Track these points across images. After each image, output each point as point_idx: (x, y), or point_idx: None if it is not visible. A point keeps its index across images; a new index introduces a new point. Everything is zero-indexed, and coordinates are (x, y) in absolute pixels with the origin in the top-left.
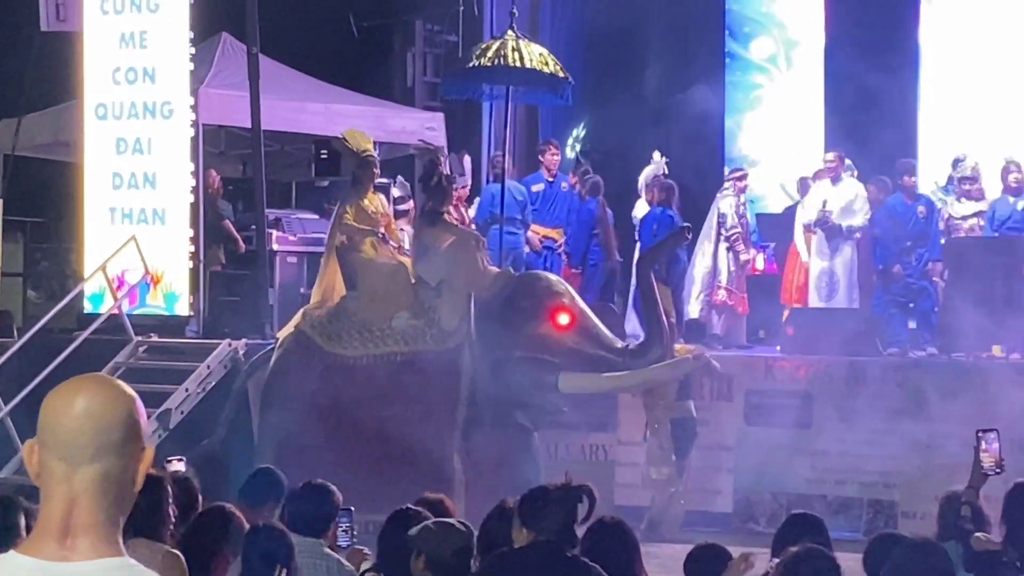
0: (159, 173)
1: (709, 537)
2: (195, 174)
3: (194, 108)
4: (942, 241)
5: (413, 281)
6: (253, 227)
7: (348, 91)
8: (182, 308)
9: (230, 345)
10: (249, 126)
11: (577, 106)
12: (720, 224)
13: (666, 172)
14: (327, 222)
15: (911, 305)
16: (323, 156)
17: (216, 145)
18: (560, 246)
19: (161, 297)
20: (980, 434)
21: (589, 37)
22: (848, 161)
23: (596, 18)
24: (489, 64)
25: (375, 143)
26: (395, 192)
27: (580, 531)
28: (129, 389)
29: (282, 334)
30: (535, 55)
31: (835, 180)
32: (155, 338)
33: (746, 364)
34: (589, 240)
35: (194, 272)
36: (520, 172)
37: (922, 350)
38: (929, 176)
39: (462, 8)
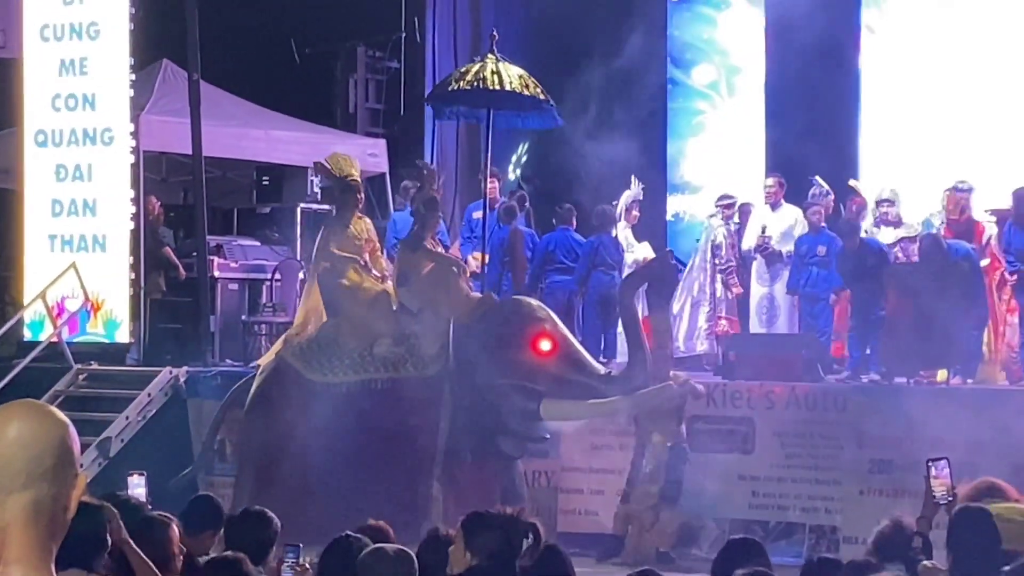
0: (99, 200)
1: (650, 563)
2: (135, 201)
3: (134, 135)
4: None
5: (395, 308)
6: (194, 254)
7: (290, 117)
8: (123, 335)
9: (171, 372)
10: (190, 152)
11: (518, 129)
12: (715, 255)
13: (640, 198)
14: (269, 249)
15: None
16: (265, 183)
17: (157, 172)
18: None
19: (101, 324)
20: (930, 463)
21: (531, 65)
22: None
23: (539, 46)
24: (468, 87)
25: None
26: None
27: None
28: (62, 415)
29: (263, 361)
30: (514, 77)
31: (775, 206)
32: (95, 366)
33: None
34: (502, 267)
35: (134, 299)
36: (463, 197)
37: (864, 376)
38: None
39: (404, 35)
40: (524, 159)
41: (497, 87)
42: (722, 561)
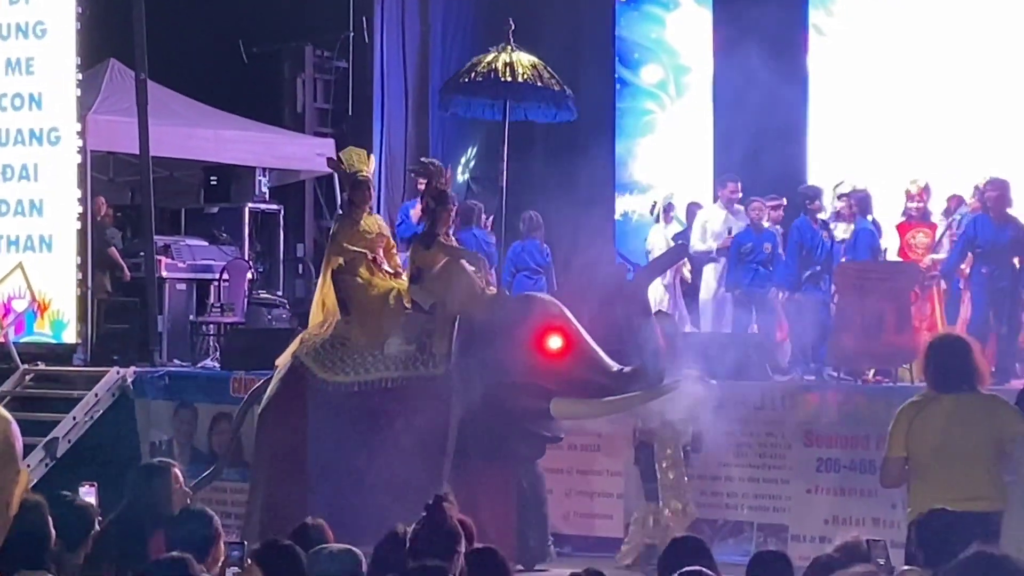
0: (46, 200)
1: (598, 564)
2: (82, 201)
3: (81, 134)
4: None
5: (407, 305)
6: (141, 254)
7: (238, 117)
8: (70, 336)
9: (118, 373)
10: (137, 152)
11: (467, 130)
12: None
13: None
14: (217, 249)
15: None
16: (213, 183)
17: (104, 172)
18: None
19: (48, 325)
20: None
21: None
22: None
23: (486, 44)
24: (480, 79)
25: (264, 169)
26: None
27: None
28: (4, 412)
29: (280, 361)
30: (528, 67)
31: (735, 210)
32: (42, 366)
33: None
34: None
35: (82, 299)
36: (410, 197)
37: (812, 375)
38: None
39: (352, 34)
40: (473, 163)
41: (509, 79)
42: (667, 560)
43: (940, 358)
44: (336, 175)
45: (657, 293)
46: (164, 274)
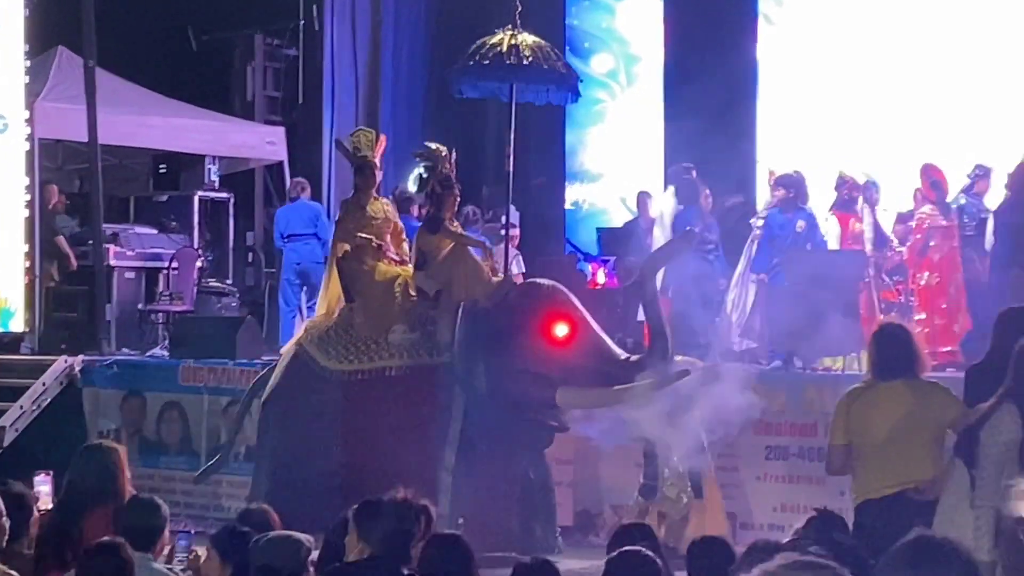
0: None
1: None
2: (30, 189)
3: (30, 122)
4: None
5: (412, 292)
6: (90, 242)
7: (187, 105)
8: (17, 324)
9: (66, 361)
10: (86, 140)
11: (418, 119)
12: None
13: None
14: (166, 237)
15: None
16: (162, 171)
17: (53, 160)
18: None
19: None
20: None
21: (431, 54)
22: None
23: (437, 36)
24: (485, 61)
25: (214, 157)
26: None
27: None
28: None
29: (284, 350)
30: (532, 50)
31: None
32: None
33: None
34: None
35: (29, 288)
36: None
37: (761, 361)
38: (765, 191)
39: (302, 22)
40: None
41: (514, 61)
42: (614, 547)
43: (881, 346)
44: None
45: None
46: (113, 262)
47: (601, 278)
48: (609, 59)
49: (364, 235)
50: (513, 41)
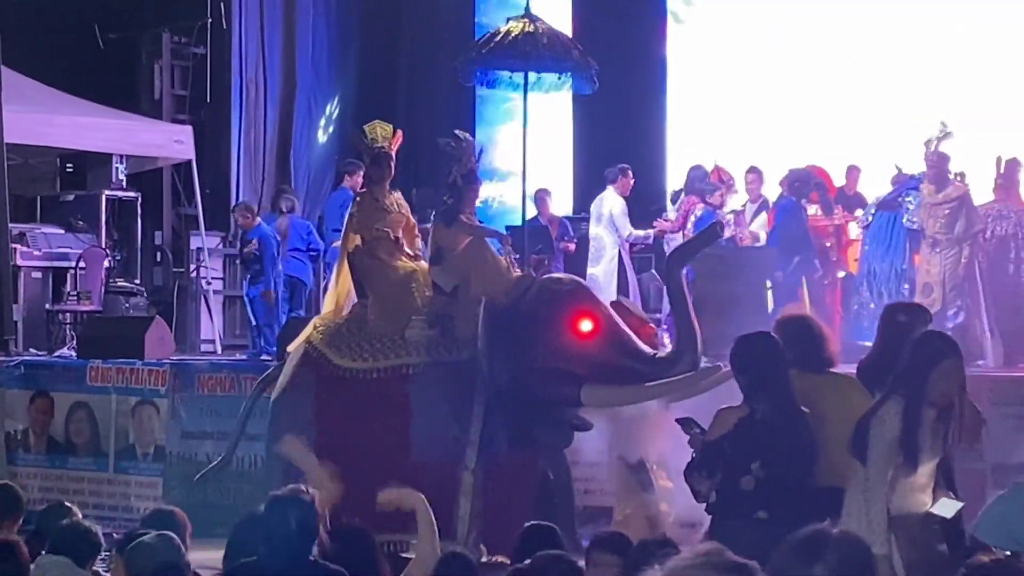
0: None
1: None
2: None
3: None
4: None
5: (428, 288)
6: None
7: (94, 104)
8: None
9: None
10: None
11: (329, 117)
12: None
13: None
14: (73, 237)
15: None
16: (68, 170)
17: None
18: None
19: None
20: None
21: (341, 52)
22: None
23: (347, 33)
24: (499, 50)
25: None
26: None
27: None
28: None
29: (292, 347)
30: (546, 38)
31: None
32: None
33: None
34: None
35: None
36: (274, 179)
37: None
38: (676, 187)
39: (210, 20)
40: (332, 133)
41: (528, 49)
42: (520, 547)
43: (784, 337)
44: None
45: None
46: (19, 262)
47: None
48: None
49: (378, 229)
50: (528, 29)
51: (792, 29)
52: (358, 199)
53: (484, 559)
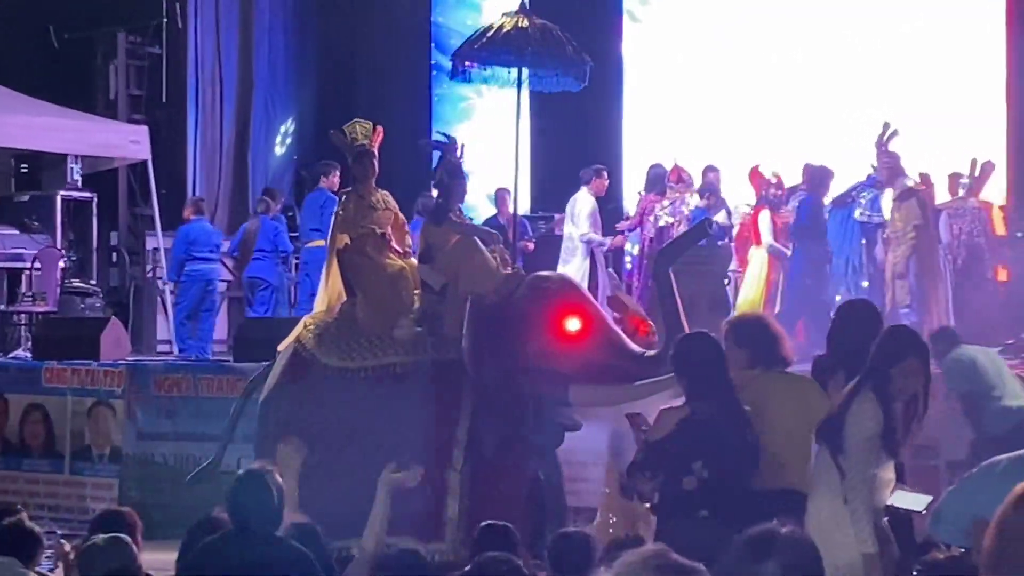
0: None
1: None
2: None
3: None
4: None
5: (417, 286)
6: None
7: (49, 104)
8: None
9: None
10: None
11: (287, 116)
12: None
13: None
14: (28, 237)
15: None
16: (23, 170)
17: None
18: None
19: None
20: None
21: (296, 53)
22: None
23: (304, 33)
24: (493, 46)
25: (77, 156)
26: None
27: None
28: None
29: (282, 346)
30: (541, 34)
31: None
32: None
33: None
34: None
35: None
36: (231, 182)
37: None
38: (633, 186)
39: (165, 20)
40: (290, 139)
41: (523, 45)
42: (474, 548)
43: (740, 337)
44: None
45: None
46: None
47: None
48: None
49: (365, 226)
50: (522, 24)
51: (747, 27)
52: (344, 198)
53: None
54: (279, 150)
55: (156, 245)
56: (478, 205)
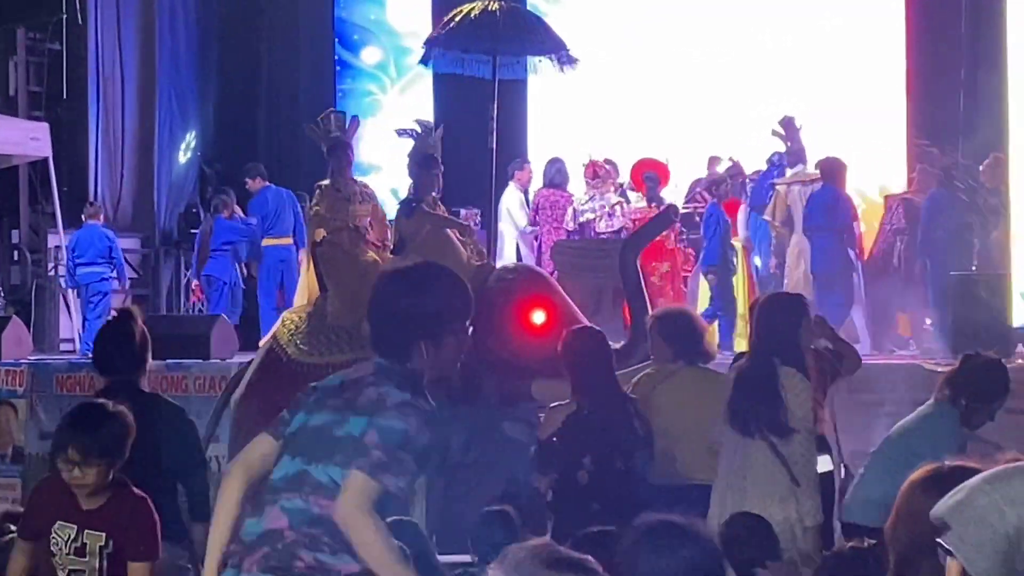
0: None
1: None
2: None
3: None
4: None
5: None
6: None
7: None
8: None
9: None
10: None
11: (191, 112)
12: None
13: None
14: None
15: None
16: None
17: None
18: None
19: None
20: None
21: (201, 46)
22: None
23: (207, 29)
24: (463, 32)
25: None
26: None
27: None
28: None
29: (262, 343)
30: (512, 17)
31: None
32: None
33: None
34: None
35: None
36: (137, 179)
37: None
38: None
39: (65, 16)
40: (194, 134)
41: (495, 30)
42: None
43: (666, 330)
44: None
45: None
46: None
47: None
48: (379, 52)
49: (340, 218)
50: (492, 7)
51: (657, 23)
52: (318, 191)
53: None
54: (183, 146)
55: (58, 243)
56: (385, 200)
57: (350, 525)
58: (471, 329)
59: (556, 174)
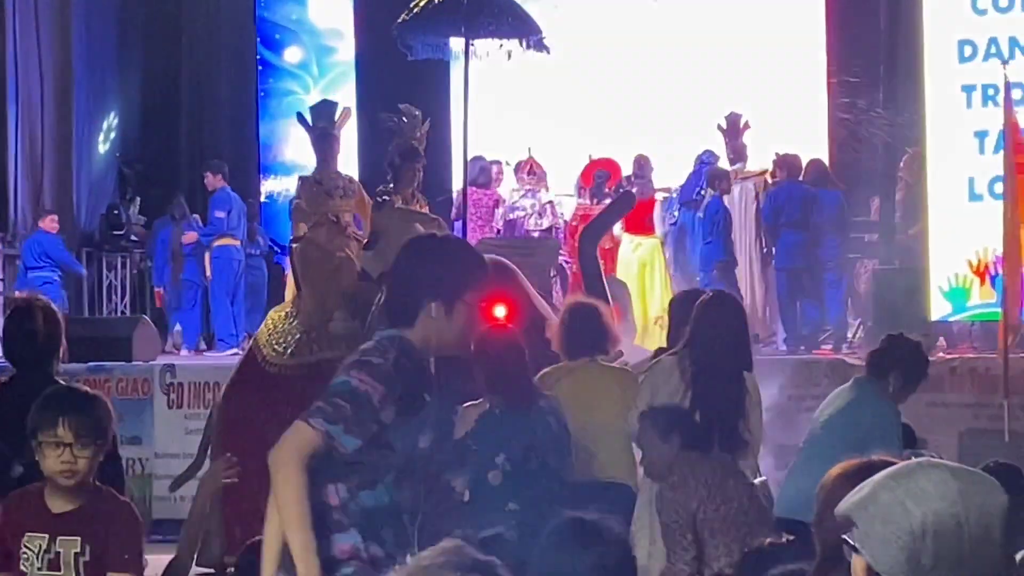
0: None
1: None
2: None
3: None
4: None
5: (358, 275)
6: None
7: None
8: None
9: None
10: None
11: (111, 112)
12: None
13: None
14: None
15: None
16: None
17: None
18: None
19: None
20: None
21: (120, 54)
22: None
23: (128, 28)
24: (431, 14)
25: None
26: None
27: None
28: None
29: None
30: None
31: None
32: None
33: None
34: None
35: None
36: (56, 175)
37: None
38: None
39: None
40: (114, 134)
41: (463, 13)
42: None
43: (574, 325)
44: None
45: None
46: None
47: None
48: (300, 51)
49: (320, 212)
50: None
51: (587, 19)
52: (300, 185)
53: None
54: (102, 147)
55: None
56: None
57: (271, 474)
58: None
59: (480, 173)
